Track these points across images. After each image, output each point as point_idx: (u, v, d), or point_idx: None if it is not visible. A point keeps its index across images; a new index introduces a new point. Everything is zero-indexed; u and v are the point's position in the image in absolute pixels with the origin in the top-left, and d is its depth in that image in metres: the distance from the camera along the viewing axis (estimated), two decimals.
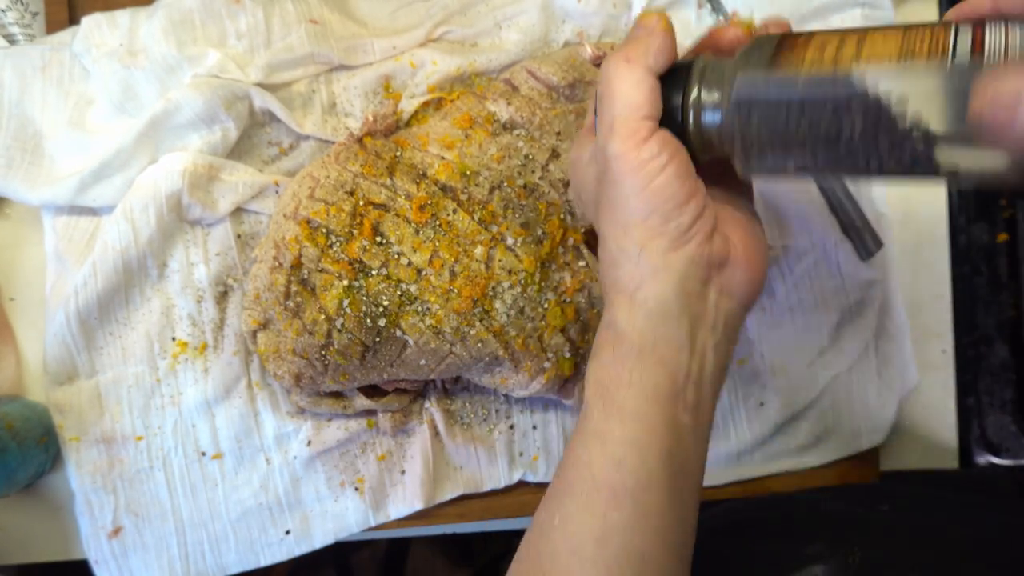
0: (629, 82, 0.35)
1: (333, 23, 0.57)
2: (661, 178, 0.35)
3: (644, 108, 0.35)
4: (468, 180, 0.52)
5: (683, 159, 0.36)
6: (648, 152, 0.35)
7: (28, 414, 0.54)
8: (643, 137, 0.35)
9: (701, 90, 0.36)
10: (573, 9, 0.58)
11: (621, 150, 0.35)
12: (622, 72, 0.36)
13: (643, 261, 0.36)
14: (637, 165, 0.35)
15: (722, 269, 0.37)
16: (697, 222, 0.36)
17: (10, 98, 0.55)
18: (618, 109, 0.35)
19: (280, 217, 0.52)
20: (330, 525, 0.57)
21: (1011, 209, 0.63)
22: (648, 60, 0.36)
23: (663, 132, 0.36)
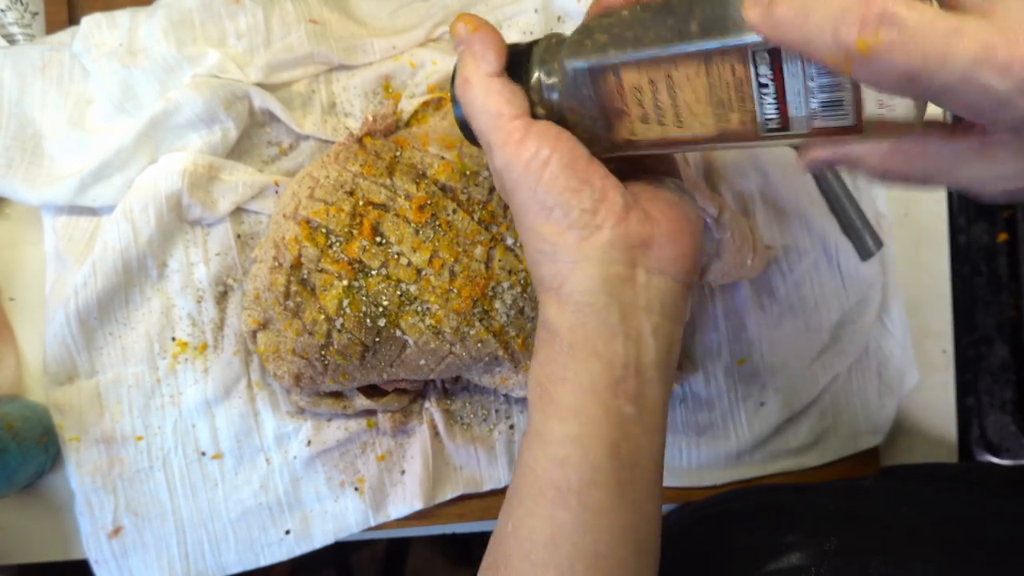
0: (479, 96, 0.35)
1: (333, 23, 0.57)
2: (548, 170, 0.34)
3: (505, 111, 0.35)
4: (468, 180, 0.52)
5: (566, 145, 0.35)
6: (527, 151, 0.34)
7: (28, 414, 0.54)
8: (517, 139, 0.35)
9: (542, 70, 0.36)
10: (573, 9, 0.58)
11: (503, 160, 0.35)
12: (470, 91, 0.36)
13: (560, 256, 0.35)
14: (522, 168, 0.34)
15: (647, 248, 0.36)
16: (602, 205, 0.35)
17: (10, 98, 0.55)
18: (486, 126, 0.35)
19: (280, 217, 0.52)
20: (330, 525, 0.57)
21: (1011, 209, 0.63)
22: (482, 68, 0.36)
23: (539, 126, 0.35)
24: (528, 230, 0.36)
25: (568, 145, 0.35)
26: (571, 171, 0.34)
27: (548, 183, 0.34)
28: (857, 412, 0.61)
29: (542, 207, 0.35)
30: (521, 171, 0.35)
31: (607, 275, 0.35)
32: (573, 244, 0.35)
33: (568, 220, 0.35)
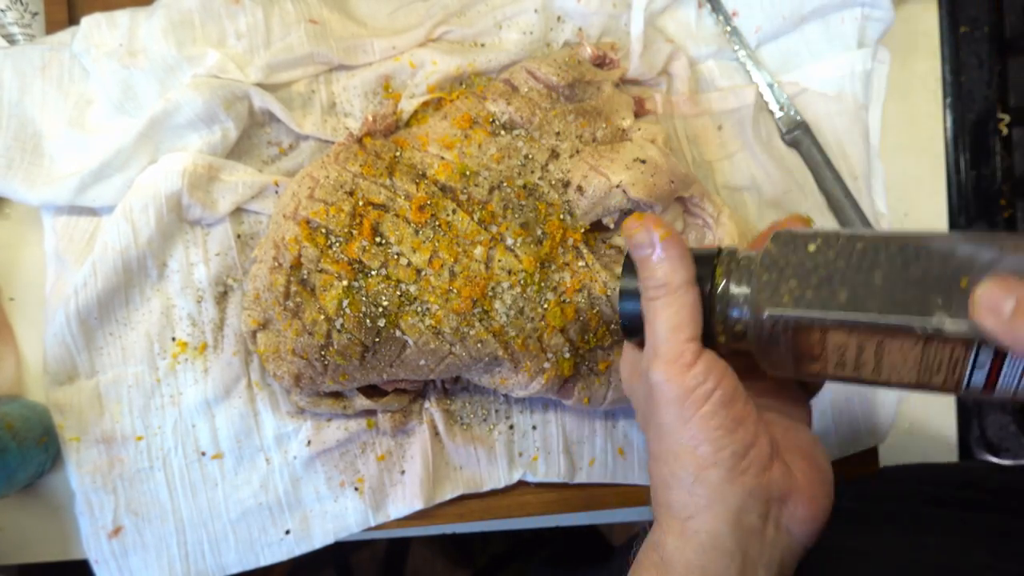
0: (667, 305, 0.35)
1: (333, 23, 0.57)
2: (708, 406, 0.34)
3: (686, 329, 0.35)
4: (468, 180, 0.52)
5: (730, 383, 0.35)
6: (693, 379, 0.34)
7: (28, 414, 0.54)
8: (687, 363, 0.34)
9: (730, 287, 0.36)
10: (573, 9, 0.58)
11: (666, 376, 0.34)
12: (659, 297, 0.35)
13: (697, 490, 0.34)
14: (683, 393, 0.34)
15: (783, 503, 0.35)
16: (751, 451, 0.34)
17: (10, 98, 0.55)
18: (660, 334, 0.35)
19: (280, 217, 0.52)
20: (330, 525, 0.57)
21: (1011, 209, 0.63)
22: (679, 276, 0.35)
23: (708, 355, 0.35)
24: (668, 452, 0.35)
25: (731, 383, 0.35)
26: (729, 410, 0.34)
27: (704, 417, 0.34)
28: (857, 412, 0.61)
29: (691, 437, 0.34)
30: (679, 394, 0.34)
31: (740, 524, 0.34)
32: (715, 482, 0.34)
33: (716, 457, 0.34)
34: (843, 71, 0.60)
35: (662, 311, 0.35)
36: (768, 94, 0.60)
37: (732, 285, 0.36)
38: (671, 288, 0.35)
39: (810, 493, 0.36)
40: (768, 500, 0.35)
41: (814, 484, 0.36)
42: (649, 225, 0.36)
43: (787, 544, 0.36)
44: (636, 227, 0.36)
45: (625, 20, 0.59)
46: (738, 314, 0.36)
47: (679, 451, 0.35)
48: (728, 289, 0.36)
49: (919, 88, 0.63)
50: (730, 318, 0.36)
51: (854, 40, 0.60)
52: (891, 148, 0.63)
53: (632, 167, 0.52)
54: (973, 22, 0.63)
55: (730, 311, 0.36)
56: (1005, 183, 0.63)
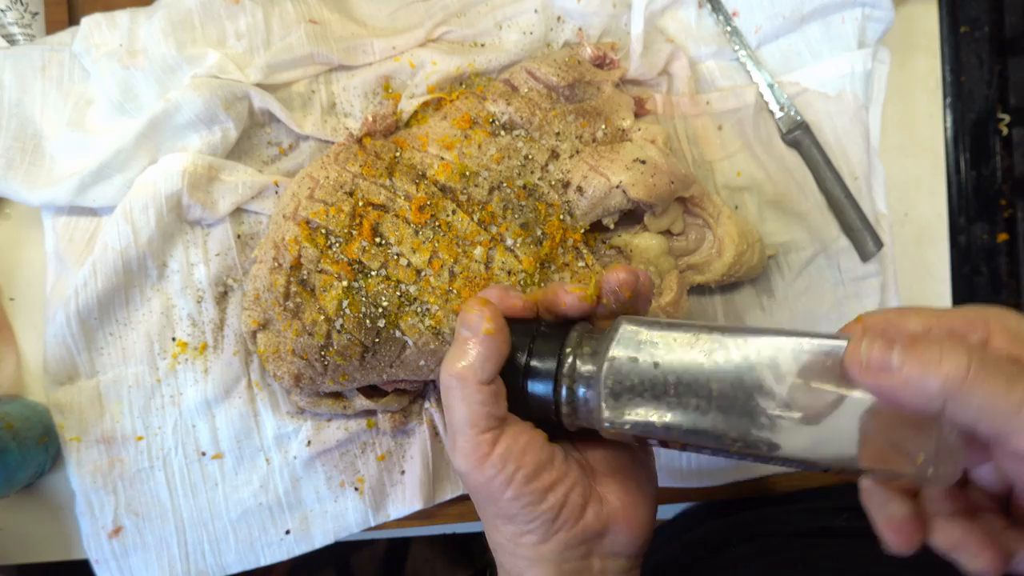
0: (461, 400, 0.36)
1: (333, 23, 0.57)
2: (512, 488, 0.35)
3: (480, 423, 0.36)
4: (467, 181, 0.52)
5: (531, 459, 0.36)
6: (492, 468, 0.35)
7: (28, 414, 0.54)
8: (484, 454, 0.35)
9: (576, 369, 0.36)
10: (573, 9, 0.58)
11: (465, 468, 0.36)
12: (454, 389, 0.36)
13: (519, 551, 0.37)
14: (486, 480, 0.36)
15: (602, 538, 0.37)
16: (562, 511, 0.36)
17: (10, 98, 0.55)
18: (456, 426, 0.36)
19: (279, 218, 0.52)
20: (330, 525, 0.57)
21: (1011, 209, 0.63)
22: (475, 374, 0.36)
23: (505, 439, 0.36)
24: (487, 522, 0.38)
25: (534, 459, 0.36)
26: (533, 486, 0.36)
27: (512, 498, 0.36)
28: None
29: (504, 512, 0.36)
30: (481, 483, 0.36)
31: (563, 570, 0.37)
32: (531, 545, 0.36)
33: (529, 527, 0.36)
34: (843, 71, 0.60)
35: (455, 404, 0.36)
36: (768, 94, 0.60)
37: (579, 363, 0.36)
38: (466, 383, 0.36)
39: (627, 516, 0.38)
40: (585, 542, 0.37)
41: (630, 506, 0.38)
42: (483, 313, 0.37)
43: (616, 566, 0.38)
44: (472, 308, 0.37)
45: (625, 20, 0.59)
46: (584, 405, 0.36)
47: (495, 524, 0.37)
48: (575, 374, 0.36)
49: (919, 88, 0.63)
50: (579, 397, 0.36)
51: (854, 40, 0.60)
52: (891, 148, 0.63)
53: (632, 167, 0.52)
54: (973, 22, 0.63)
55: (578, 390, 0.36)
56: (1005, 183, 0.63)
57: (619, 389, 0.34)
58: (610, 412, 0.34)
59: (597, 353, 0.36)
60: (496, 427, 0.36)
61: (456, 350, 0.37)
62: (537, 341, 0.37)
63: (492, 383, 0.36)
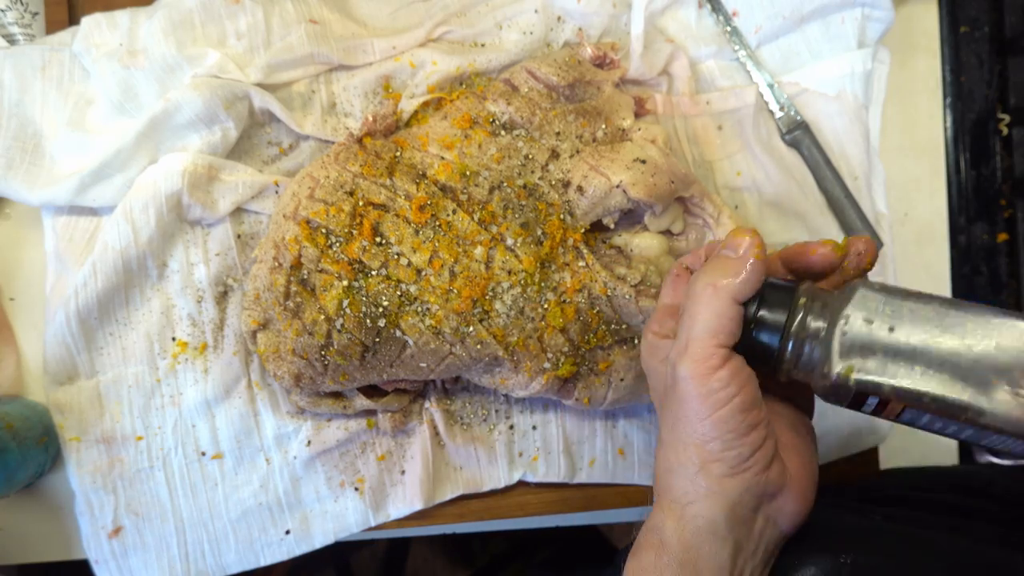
0: (711, 309, 0.36)
1: (333, 23, 0.57)
2: (726, 409, 0.36)
3: (721, 336, 0.36)
4: (468, 180, 0.52)
5: (750, 390, 0.36)
6: (718, 382, 0.36)
7: (28, 414, 0.54)
8: (714, 365, 0.36)
9: (807, 324, 0.37)
10: (573, 9, 0.58)
11: (691, 373, 0.36)
12: (707, 297, 0.37)
13: (699, 480, 0.37)
14: (705, 392, 0.36)
15: (774, 498, 0.38)
16: (756, 453, 0.36)
17: (10, 98, 0.55)
18: (696, 332, 0.36)
19: (280, 217, 0.52)
20: (330, 525, 0.57)
21: (1011, 209, 0.63)
22: (734, 290, 0.37)
23: (735, 361, 0.36)
24: (677, 439, 0.37)
25: (751, 391, 0.37)
26: (744, 416, 0.36)
27: (722, 418, 0.36)
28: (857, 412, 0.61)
29: (705, 433, 0.36)
30: (702, 392, 0.36)
31: (734, 513, 0.37)
32: (717, 475, 0.37)
33: (723, 454, 0.36)
34: (843, 71, 0.60)
35: (704, 310, 0.36)
36: (768, 94, 0.60)
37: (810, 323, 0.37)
38: (720, 294, 0.36)
39: (799, 490, 0.38)
40: (762, 495, 0.37)
41: (803, 482, 0.39)
42: (753, 240, 0.37)
43: (772, 535, 0.38)
44: (743, 232, 0.38)
45: (625, 20, 0.59)
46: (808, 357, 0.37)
47: (689, 442, 0.37)
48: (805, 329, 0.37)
49: (919, 88, 0.63)
50: (803, 356, 0.37)
51: (854, 40, 0.60)
52: (891, 148, 0.63)
53: (632, 167, 0.52)
54: (973, 22, 0.63)
55: (805, 349, 0.37)
56: (1005, 183, 0.63)
57: (851, 346, 0.35)
58: (840, 367, 0.35)
59: (829, 309, 0.36)
60: (729, 347, 0.36)
61: (718, 264, 0.37)
62: (768, 291, 0.38)
63: (742, 305, 0.37)
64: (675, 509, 0.37)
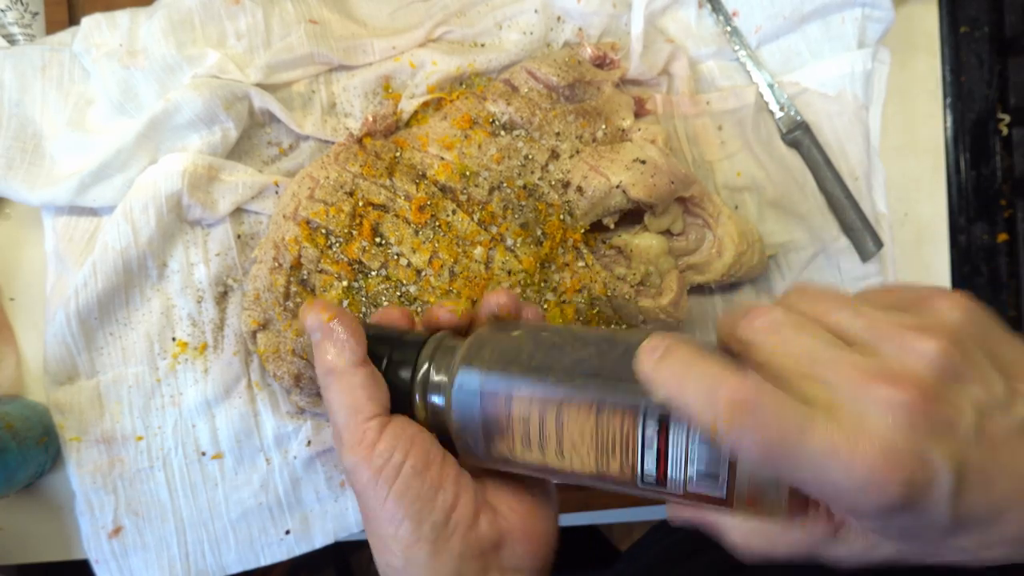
0: (338, 390, 0.34)
1: (333, 23, 0.57)
2: (399, 483, 0.33)
3: (364, 408, 0.34)
4: (468, 181, 0.52)
5: (420, 450, 0.34)
6: (379, 458, 0.33)
7: (28, 414, 0.54)
8: (371, 441, 0.34)
9: (430, 372, 0.36)
10: (573, 9, 0.58)
11: (352, 461, 0.34)
12: (331, 384, 0.35)
13: (410, 571, 0.34)
14: (373, 473, 0.33)
15: (499, 550, 0.35)
16: (452, 514, 0.34)
17: (10, 98, 0.55)
18: (340, 419, 0.34)
19: (280, 218, 0.52)
20: (330, 525, 0.57)
21: (1011, 209, 0.63)
22: (344, 359, 0.35)
23: (393, 425, 0.34)
24: (377, 540, 0.35)
25: (422, 449, 0.34)
26: (423, 478, 0.34)
27: (398, 493, 0.33)
28: None
29: (391, 517, 0.33)
30: (371, 475, 0.33)
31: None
32: (424, 560, 0.34)
33: (418, 534, 0.33)
34: (843, 71, 0.60)
35: (335, 397, 0.34)
36: (768, 94, 0.60)
37: (433, 371, 0.36)
38: (339, 372, 0.35)
39: (523, 529, 0.36)
40: (482, 553, 0.34)
41: (527, 519, 0.36)
42: (316, 310, 0.35)
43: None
44: (305, 312, 0.36)
45: (625, 20, 0.59)
46: (438, 398, 0.36)
47: (384, 537, 0.34)
48: (429, 374, 0.36)
49: (919, 88, 0.63)
50: (429, 402, 0.36)
51: (854, 40, 0.60)
52: (891, 148, 0.63)
53: (632, 167, 0.52)
54: (973, 22, 0.63)
55: (429, 396, 0.36)
56: (1005, 183, 0.63)
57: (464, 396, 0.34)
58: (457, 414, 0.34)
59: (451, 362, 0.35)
60: (381, 414, 0.34)
61: (316, 352, 0.36)
62: (395, 351, 0.37)
63: (364, 365, 0.35)
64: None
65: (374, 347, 0.37)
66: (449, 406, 0.35)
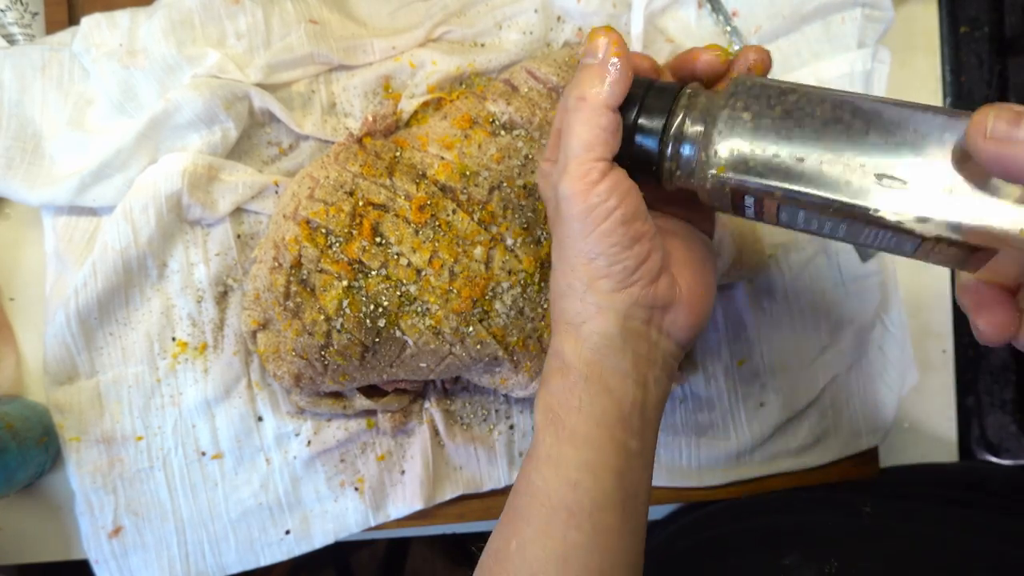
0: (584, 122, 0.35)
1: (333, 23, 0.57)
2: (607, 223, 0.35)
3: (597, 148, 0.35)
4: (468, 180, 0.52)
5: (632, 202, 0.36)
6: (596, 196, 0.35)
7: (28, 414, 0.55)
8: (593, 180, 0.35)
9: (685, 126, 0.36)
10: (573, 9, 0.58)
11: (571, 191, 0.35)
12: (578, 111, 0.36)
13: (588, 298, 0.37)
14: (585, 208, 0.35)
15: (665, 312, 0.38)
16: (642, 266, 0.36)
17: (10, 98, 0.55)
18: (572, 149, 0.36)
19: (280, 217, 0.52)
20: (330, 525, 0.57)
21: None
22: (603, 96, 0.36)
23: (614, 174, 0.36)
24: (565, 262, 0.37)
25: (633, 203, 0.36)
26: (627, 228, 0.36)
27: (605, 232, 0.36)
28: (857, 412, 0.61)
29: (589, 250, 0.36)
30: (582, 209, 0.35)
31: (626, 326, 0.37)
32: (605, 292, 0.37)
33: (608, 270, 0.36)
34: (843, 71, 0.60)
35: (577, 126, 0.36)
36: None
37: (688, 125, 0.36)
38: (591, 105, 0.35)
39: (690, 303, 0.39)
40: (652, 308, 0.37)
41: (695, 296, 0.39)
42: (610, 38, 0.36)
43: (668, 346, 0.39)
44: (598, 34, 0.37)
45: (625, 20, 0.59)
46: (687, 160, 0.37)
47: (576, 263, 0.37)
48: (683, 131, 0.36)
49: (919, 88, 0.63)
50: (682, 160, 0.37)
51: (854, 40, 0.60)
52: None
53: None
54: (973, 22, 0.63)
55: (683, 151, 0.37)
56: None
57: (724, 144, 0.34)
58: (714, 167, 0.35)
59: (709, 110, 0.36)
60: (607, 159, 0.36)
61: (583, 75, 0.36)
62: (649, 95, 0.37)
63: (616, 111, 0.36)
64: (571, 331, 0.38)
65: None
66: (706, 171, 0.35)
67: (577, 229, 0.36)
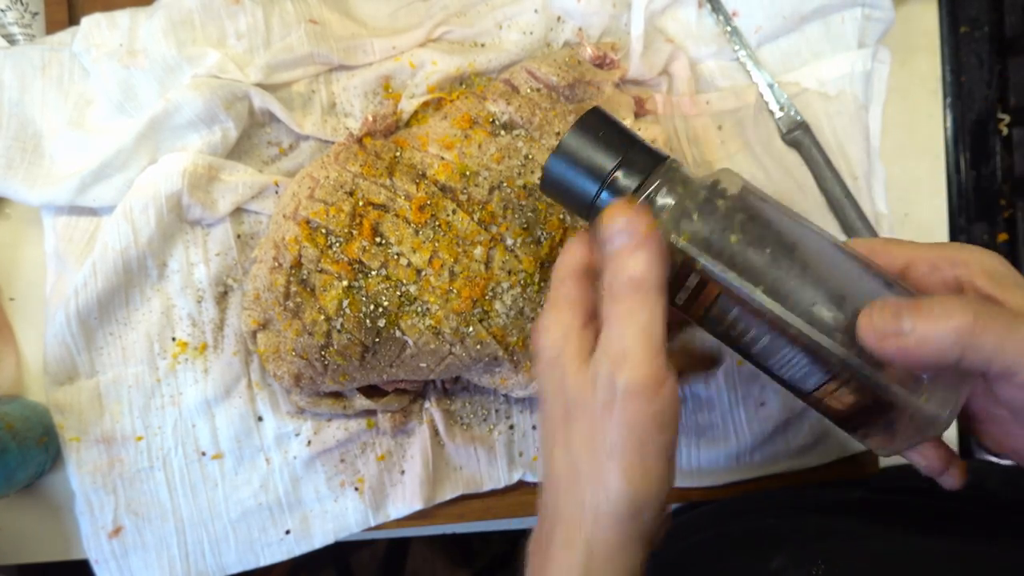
0: (640, 308, 0.32)
1: (333, 23, 0.57)
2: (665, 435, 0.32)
3: (657, 340, 0.32)
4: (468, 180, 0.52)
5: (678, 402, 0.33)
6: (660, 402, 0.32)
7: (28, 414, 0.54)
8: (660, 382, 0.32)
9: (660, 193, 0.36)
10: (573, 9, 0.58)
11: (638, 388, 0.31)
12: (636, 297, 0.32)
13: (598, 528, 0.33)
14: (647, 419, 0.31)
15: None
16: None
17: (10, 98, 0.55)
18: (631, 338, 0.32)
19: (280, 217, 0.52)
20: (330, 525, 0.57)
21: (1011, 209, 0.63)
22: (654, 278, 0.32)
23: (673, 373, 0.32)
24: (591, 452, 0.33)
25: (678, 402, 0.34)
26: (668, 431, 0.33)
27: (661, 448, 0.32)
28: None
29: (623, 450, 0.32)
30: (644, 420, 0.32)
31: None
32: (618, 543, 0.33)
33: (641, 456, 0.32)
34: (843, 71, 0.60)
35: (632, 316, 0.32)
36: (768, 94, 0.60)
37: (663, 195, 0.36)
38: (647, 289, 0.32)
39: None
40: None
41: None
42: (639, 216, 0.33)
43: None
44: (619, 213, 0.33)
45: (625, 20, 0.59)
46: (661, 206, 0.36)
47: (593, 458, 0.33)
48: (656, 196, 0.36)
49: (919, 88, 0.63)
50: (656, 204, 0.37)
51: (854, 40, 0.60)
52: (891, 148, 0.63)
53: None
54: (973, 22, 0.63)
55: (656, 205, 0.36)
56: (1005, 183, 0.63)
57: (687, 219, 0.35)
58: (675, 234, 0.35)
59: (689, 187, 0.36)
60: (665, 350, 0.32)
61: (626, 256, 0.32)
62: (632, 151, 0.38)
63: (664, 292, 0.33)
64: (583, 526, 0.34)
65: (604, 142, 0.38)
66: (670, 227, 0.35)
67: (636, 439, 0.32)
